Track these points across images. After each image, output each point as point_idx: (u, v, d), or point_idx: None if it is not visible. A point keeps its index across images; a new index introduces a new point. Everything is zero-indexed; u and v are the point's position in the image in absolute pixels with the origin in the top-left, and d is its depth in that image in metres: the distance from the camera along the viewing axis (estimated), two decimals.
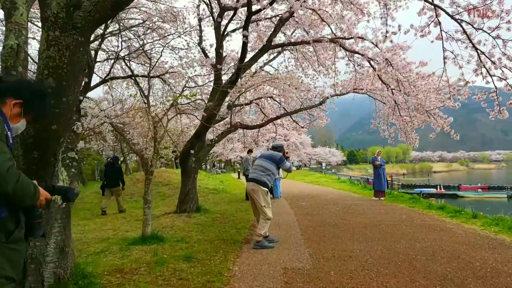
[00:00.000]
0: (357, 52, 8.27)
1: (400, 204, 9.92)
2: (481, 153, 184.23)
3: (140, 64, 13.07)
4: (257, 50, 8.31)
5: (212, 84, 9.05)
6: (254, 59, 7.82)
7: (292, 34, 9.88)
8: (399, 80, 7.62)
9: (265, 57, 12.78)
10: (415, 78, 7.49)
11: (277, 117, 11.14)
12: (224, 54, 9.54)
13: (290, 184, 21.99)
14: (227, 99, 10.11)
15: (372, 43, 7.68)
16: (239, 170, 33.23)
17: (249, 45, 8.70)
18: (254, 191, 5.44)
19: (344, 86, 10.63)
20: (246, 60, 7.52)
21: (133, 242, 5.91)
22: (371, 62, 8.45)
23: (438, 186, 42.19)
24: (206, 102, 8.52)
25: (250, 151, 13.25)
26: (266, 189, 5.46)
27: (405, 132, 11.43)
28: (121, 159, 20.61)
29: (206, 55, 10.16)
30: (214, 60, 9.19)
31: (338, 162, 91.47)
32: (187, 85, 9.76)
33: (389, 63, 7.45)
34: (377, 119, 11.93)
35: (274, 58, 12.03)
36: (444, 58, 5.80)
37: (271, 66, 12.16)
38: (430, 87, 7.61)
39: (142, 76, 13.34)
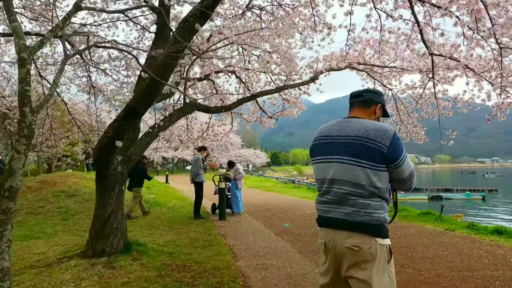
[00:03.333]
0: None
1: (419, 223, 7.05)
2: None
3: (33, 20, 8.26)
4: None
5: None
6: None
7: None
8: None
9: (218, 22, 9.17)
10: None
11: (263, 93, 7.81)
12: None
13: None
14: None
15: None
16: (167, 173, 28.61)
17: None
18: (358, 255, 1.80)
19: (346, 58, 7.46)
20: None
21: None
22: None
23: None
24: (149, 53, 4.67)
25: (202, 148, 9.43)
26: (387, 243, 1.88)
27: (407, 125, 8.87)
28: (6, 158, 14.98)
29: None
30: None
31: (263, 164, 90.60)
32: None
33: None
34: None
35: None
36: None
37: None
38: None
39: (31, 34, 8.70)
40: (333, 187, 1.91)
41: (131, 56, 7.57)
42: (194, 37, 6.68)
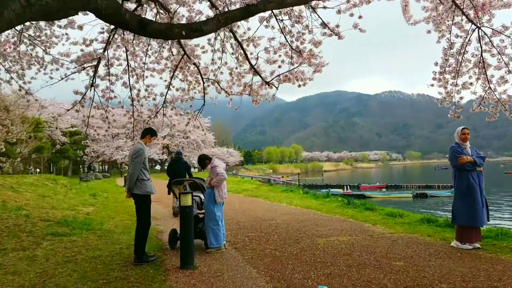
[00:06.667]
0: None
1: None
2: (361, 153, 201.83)
3: None
4: None
5: None
6: None
7: None
8: None
9: None
10: None
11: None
12: None
13: None
14: None
15: None
16: (126, 175, 24.07)
17: None
18: None
19: None
20: None
21: None
22: None
23: (346, 187, 40.19)
24: None
25: (148, 132, 5.18)
26: None
27: None
28: None
29: None
30: None
31: (236, 163, 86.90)
32: None
33: None
34: (448, 55, 5.44)
35: None
36: None
37: None
38: None
39: None
40: None
41: None
42: None
